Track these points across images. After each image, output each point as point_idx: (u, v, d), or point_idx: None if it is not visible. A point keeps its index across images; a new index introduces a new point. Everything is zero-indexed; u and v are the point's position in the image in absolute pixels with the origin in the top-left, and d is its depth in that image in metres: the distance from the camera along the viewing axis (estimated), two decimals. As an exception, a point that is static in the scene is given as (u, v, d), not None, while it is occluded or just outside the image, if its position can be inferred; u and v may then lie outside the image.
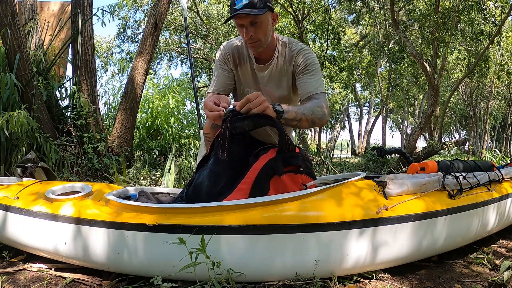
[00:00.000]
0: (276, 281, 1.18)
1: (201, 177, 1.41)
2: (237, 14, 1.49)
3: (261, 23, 1.54)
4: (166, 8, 4.39)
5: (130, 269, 1.21)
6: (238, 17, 1.51)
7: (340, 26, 12.60)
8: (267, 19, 1.56)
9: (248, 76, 1.74)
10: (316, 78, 1.61)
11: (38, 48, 3.89)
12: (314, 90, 1.57)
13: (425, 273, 1.36)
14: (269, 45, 1.64)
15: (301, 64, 1.63)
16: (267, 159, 1.29)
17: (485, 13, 6.49)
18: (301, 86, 1.61)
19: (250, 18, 1.51)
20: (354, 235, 1.19)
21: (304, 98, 1.59)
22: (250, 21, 1.52)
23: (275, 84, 1.71)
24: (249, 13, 1.46)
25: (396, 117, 27.53)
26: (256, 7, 1.48)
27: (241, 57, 1.73)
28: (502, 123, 19.92)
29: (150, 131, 5.37)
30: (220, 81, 1.72)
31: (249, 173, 1.28)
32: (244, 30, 1.53)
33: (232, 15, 1.51)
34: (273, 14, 1.59)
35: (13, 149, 2.97)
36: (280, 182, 1.32)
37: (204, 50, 14.48)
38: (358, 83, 18.48)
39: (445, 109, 9.96)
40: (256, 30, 1.54)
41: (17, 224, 1.34)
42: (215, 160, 1.37)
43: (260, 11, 1.48)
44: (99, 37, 15.78)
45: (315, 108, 1.47)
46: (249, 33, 1.53)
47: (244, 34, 1.54)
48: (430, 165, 1.62)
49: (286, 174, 1.32)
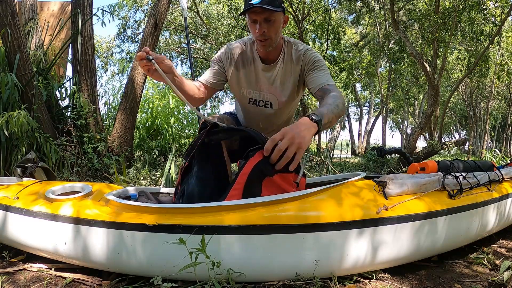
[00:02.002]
0: (276, 281, 1.18)
1: (191, 186, 1.45)
2: (253, 9, 1.50)
3: (275, 21, 1.56)
4: (166, 8, 4.39)
5: (130, 269, 1.21)
6: (253, 12, 1.52)
7: (340, 26, 12.60)
8: (280, 19, 1.59)
9: (251, 78, 1.76)
10: (326, 72, 1.66)
11: (38, 48, 3.89)
12: (327, 81, 1.61)
13: (425, 273, 1.36)
14: (277, 45, 1.67)
15: (310, 62, 1.67)
16: (255, 162, 1.26)
17: (485, 13, 6.49)
18: (313, 80, 1.64)
19: (265, 15, 1.53)
20: (354, 235, 1.19)
21: (316, 90, 1.61)
22: (264, 18, 1.53)
23: (281, 84, 1.73)
24: (266, 6, 1.48)
25: (396, 117, 27.52)
26: (272, 4, 1.51)
27: (244, 59, 1.74)
28: (502, 123, 19.93)
29: (150, 131, 5.37)
30: (211, 76, 1.75)
31: (238, 178, 1.26)
32: (257, 26, 1.55)
33: (246, 8, 1.52)
34: (285, 16, 1.63)
35: (13, 149, 2.97)
36: (273, 182, 1.29)
37: (204, 50, 14.48)
38: (358, 83, 18.48)
39: (445, 109, 9.96)
40: (269, 27, 1.56)
41: (17, 224, 1.34)
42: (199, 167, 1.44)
43: (275, 8, 1.51)
44: (99, 37, 15.80)
45: (337, 102, 1.45)
46: (262, 29, 1.55)
47: (257, 30, 1.56)
48: (430, 165, 1.62)
49: (277, 174, 1.28)
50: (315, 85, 1.62)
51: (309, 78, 1.67)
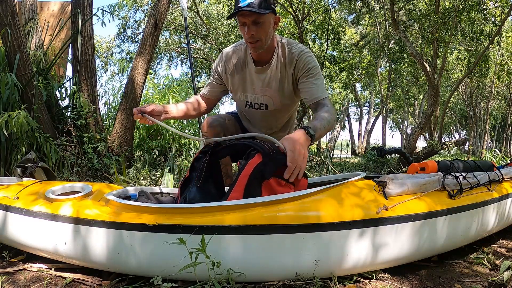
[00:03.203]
0: (276, 281, 1.18)
1: (193, 193, 1.48)
2: (241, 12, 1.50)
3: (263, 23, 1.55)
4: (166, 8, 4.39)
5: (130, 269, 1.21)
6: (241, 14, 1.52)
7: (340, 26, 12.60)
8: (269, 21, 1.58)
9: (246, 81, 1.76)
10: (320, 81, 1.65)
11: (38, 48, 3.89)
12: (321, 95, 1.63)
13: (425, 273, 1.36)
14: (269, 47, 1.65)
15: (303, 69, 1.65)
16: (255, 164, 1.27)
17: (485, 13, 6.48)
18: (307, 91, 1.65)
19: (253, 17, 1.52)
20: (354, 235, 1.19)
21: (311, 103, 1.64)
22: (252, 20, 1.53)
23: (277, 87, 1.72)
24: (252, 10, 1.48)
25: (396, 117, 27.50)
26: (261, 7, 1.50)
27: (238, 64, 1.75)
28: (502, 123, 19.91)
29: (150, 131, 5.37)
30: (208, 88, 1.87)
31: (238, 180, 1.26)
32: (246, 29, 1.55)
33: (235, 11, 1.52)
34: (276, 17, 1.62)
35: (13, 149, 2.97)
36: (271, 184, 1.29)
37: (204, 50, 14.48)
38: (358, 83, 18.49)
39: (445, 109, 9.96)
40: (258, 30, 1.55)
41: (17, 224, 1.34)
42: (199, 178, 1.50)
43: (263, 11, 1.50)
44: (99, 37, 15.79)
45: (330, 118, 1.52)
46: (250, 32, 1.55)
47: (246, 33, 1.56)
48: (430, 165, 1.62)
49: (272, 178, 1.28)
50: (310, 98, 1.64)
51: (302, 86, 1.66)
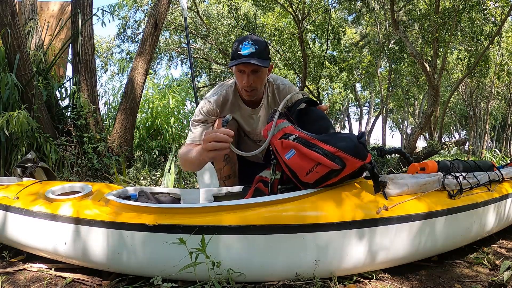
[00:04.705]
0: (276, 281, 1.18)
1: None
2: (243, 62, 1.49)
3: (262, 73, 1.58)
4: (166, 8, 4.39)
5: (130, 269, 1.21)
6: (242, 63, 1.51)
7: (340, 26, 12.58)
8: (266, 70, 1.61)
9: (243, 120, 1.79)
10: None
11: (38, 48, 3.88)
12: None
13: (425, 273, 1.36)
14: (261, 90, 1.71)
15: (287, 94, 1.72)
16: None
17: (485, 13, 6.48)
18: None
19: (254, 67, 1.53)
20: (354, 235, 1.19)
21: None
22: (252, 70, 1.54)
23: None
24: (255, 62, 1.48)
25: (396, 117, 27.49)
26: (262, 57, 1.51)
27: (232, 107, 1.75)
28: (502, 123, 19.89)
29: (150, 131, 5.36)
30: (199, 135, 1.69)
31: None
32: (245, 77, 1.56)
33: (238, 61, 1.50)
34: (270, 65, 1.63)
35: (13, 149, 2.97)
36: None
37: (204, 50, 14.47)
38: (358, 83, 18.47)
39: (445, 109, 9.96)
40: (256, 79, 1.58)
41: (17, 224, 1.34)
42: None
43: (265, 62, 1.51)
44: (99, 37, 15.75)
45: None
46: (249, 81, 1.56)
47: (244, 81, 1.57)
48: (430, 165, 1.61)
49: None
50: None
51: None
